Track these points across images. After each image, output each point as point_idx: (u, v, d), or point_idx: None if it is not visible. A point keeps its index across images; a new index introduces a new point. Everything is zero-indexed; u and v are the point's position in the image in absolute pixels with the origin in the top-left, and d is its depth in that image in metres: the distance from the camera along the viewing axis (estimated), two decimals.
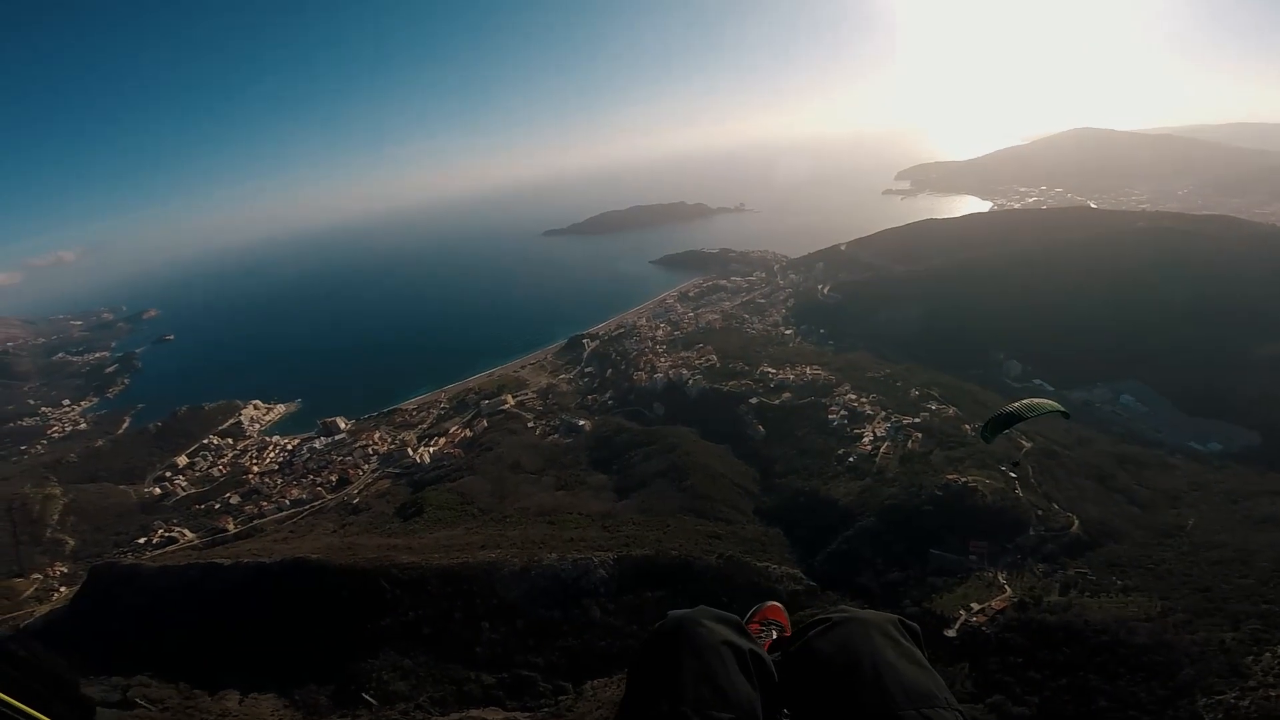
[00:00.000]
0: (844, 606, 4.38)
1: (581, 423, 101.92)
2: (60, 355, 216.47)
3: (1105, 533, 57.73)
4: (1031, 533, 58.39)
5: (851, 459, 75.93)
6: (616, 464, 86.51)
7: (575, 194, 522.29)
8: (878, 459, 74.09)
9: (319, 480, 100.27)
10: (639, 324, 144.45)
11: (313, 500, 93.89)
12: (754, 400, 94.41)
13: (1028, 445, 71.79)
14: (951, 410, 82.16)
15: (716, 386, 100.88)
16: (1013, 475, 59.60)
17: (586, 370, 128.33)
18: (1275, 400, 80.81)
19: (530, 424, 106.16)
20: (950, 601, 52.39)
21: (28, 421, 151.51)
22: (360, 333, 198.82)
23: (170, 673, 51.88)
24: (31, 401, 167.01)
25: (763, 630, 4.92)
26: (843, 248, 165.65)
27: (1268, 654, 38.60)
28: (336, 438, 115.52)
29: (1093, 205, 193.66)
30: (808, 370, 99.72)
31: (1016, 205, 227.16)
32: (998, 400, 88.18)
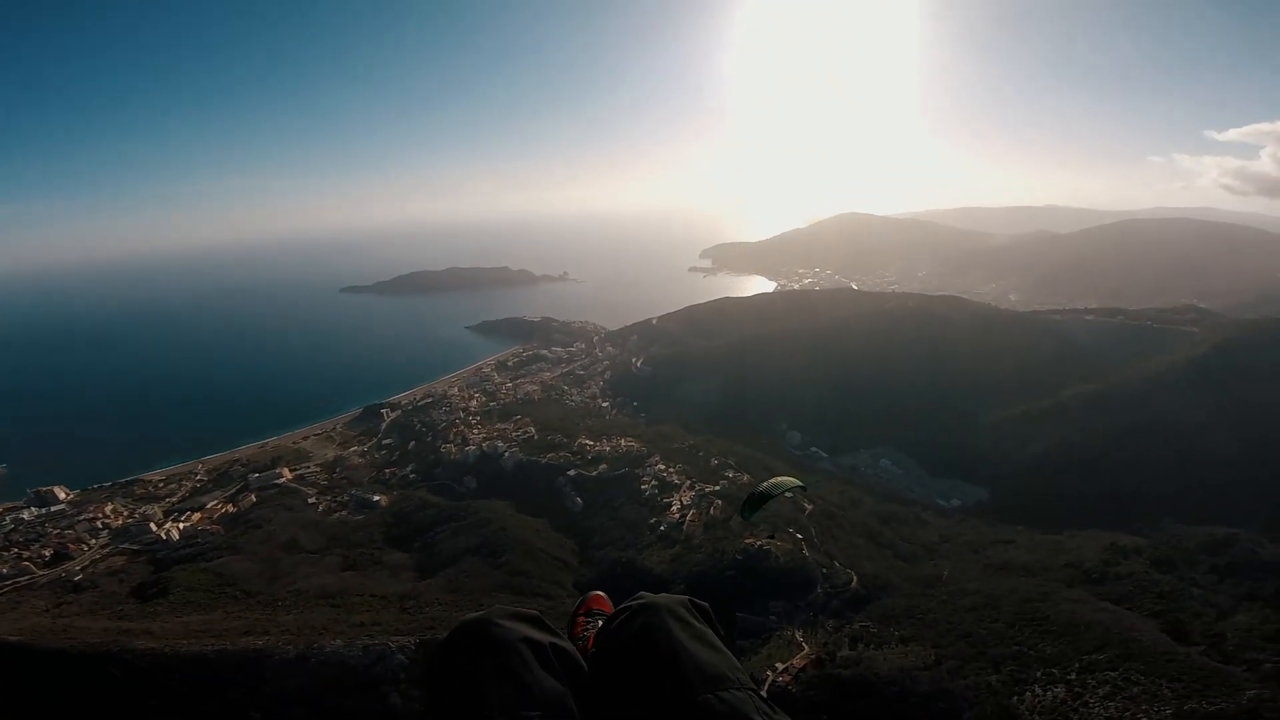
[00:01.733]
0: (643, 593, 4.09)
1: (376, 498, 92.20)
2: None
3: (880, 586, 65.38)
4: (819, 590, 64.33)
5: (662, 528, 78.07)
6: (419, 541, 79.18)
7: (380, 251, 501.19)
8: (685, 526, 77.16)
9: (27, 554, 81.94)
10: (450, 393, 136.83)
11: (16, 575, 76.28)
12: (572, 472, 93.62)
13: (810, 507, 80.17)
14: (746, 477, 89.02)
15: (535, 458, 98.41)
16: (770, 539, 65.73)
17: (385, 442, 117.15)
18: (997, 459, 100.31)
19: (312, 499, 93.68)
20: (758, 663, 54.98)
21: None
22: (96, 391, 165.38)
23: None
24: None
25: (588, 623, 4.86)
26: (654, 322, 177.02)
27: (1028, 693, 45.40)
28: (54, 509, 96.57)
29: (854, 286, 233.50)
30: (622, 442, 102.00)
31: (795, 286, 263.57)
32: (783, 467, 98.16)
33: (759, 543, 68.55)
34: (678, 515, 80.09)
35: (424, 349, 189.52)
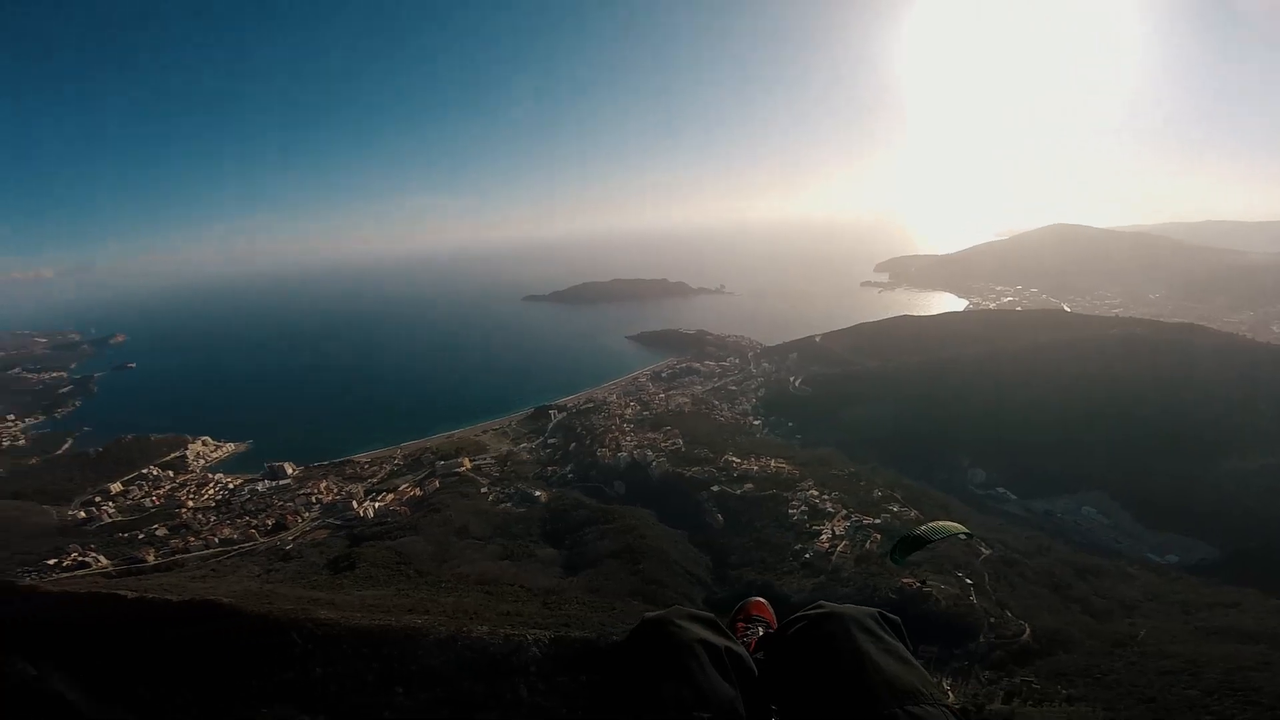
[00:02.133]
0: (823, 602, 3.93)
1: (537, 493, 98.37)
2: (16, 370, 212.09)
3: (1056, 641, 56.38)
4: (981, 639, 56.77)
5: (808, 555, 73.86)
6: (569, 539, 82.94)
7: (557, 261, 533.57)
8: (834, 557, 72.22)
9: (254, 522, 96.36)
10: (609, 400, 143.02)
11: (243, 541, 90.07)
12: (715, 488, 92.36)
13: (986, 552, 70.76)
14: (914, 513, 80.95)
15: (679, 470, 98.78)
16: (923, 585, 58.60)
17: (550, 441, 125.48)
18: (1235, 515, 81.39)
19: (484, 489, 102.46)
20: None
21: None
22: (322, 381, 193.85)
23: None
24: None
25: (748, 628, 4.99)
26: (817, 339, 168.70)
27: None
28: (281, 482, 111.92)
29: (1067, 308, 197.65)
30: (772, 463, 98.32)
31: (992, 305, 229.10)
32: (960, 508, 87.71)
33: (919, 584, 61.84)
34: (827, 545, 75.24)
35: (589, 356, 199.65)
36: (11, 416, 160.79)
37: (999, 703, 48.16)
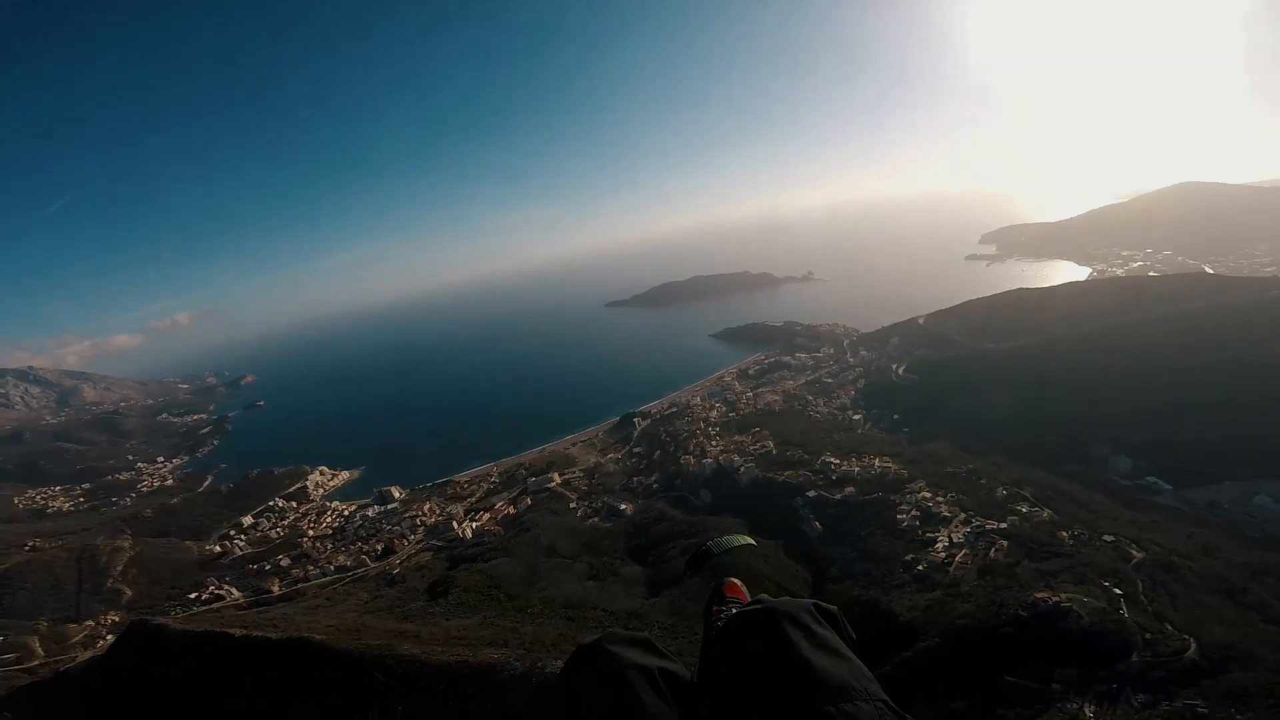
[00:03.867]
0: (762, 596, 4.04)
1: (623, 506, 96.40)
2: (164, 416, 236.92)
3: (1230, 657, 45.86)
4: (1135, 658, 47.03)
5: (921, 566, 65.36)
6: (653, 555, 79.87)
7: (637, 265, 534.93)
8: (952, 569, 63.22)
9: (366, 548, 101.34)
10: (693, 403, 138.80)
11: (356, 568, 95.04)
12: (811, 493, 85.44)
13: (1138, 555, 60.02)
14: (1046, 513, 70.52)
15: (771, 475, 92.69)
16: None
17: (635, 450, 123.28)
18: None
19: (573, 504, 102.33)
20: None
21: (124, 476, 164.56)
22: (426, 404, 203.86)
23: None
24: (130, 457, 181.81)
25: (722, 610, 4.82)
26: (921, 321, 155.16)
27: None
28: (390, 506, 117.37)
29: (1209, 270, 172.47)
30: (876, 462, 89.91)
31: (1119, 271, 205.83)
32: (1102, 503, 75.62)
33: (1056, 598, 52.67)
34: (943, 555, 66.36)
35: (672, 358, 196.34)
36: (161, 459, 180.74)
37: None
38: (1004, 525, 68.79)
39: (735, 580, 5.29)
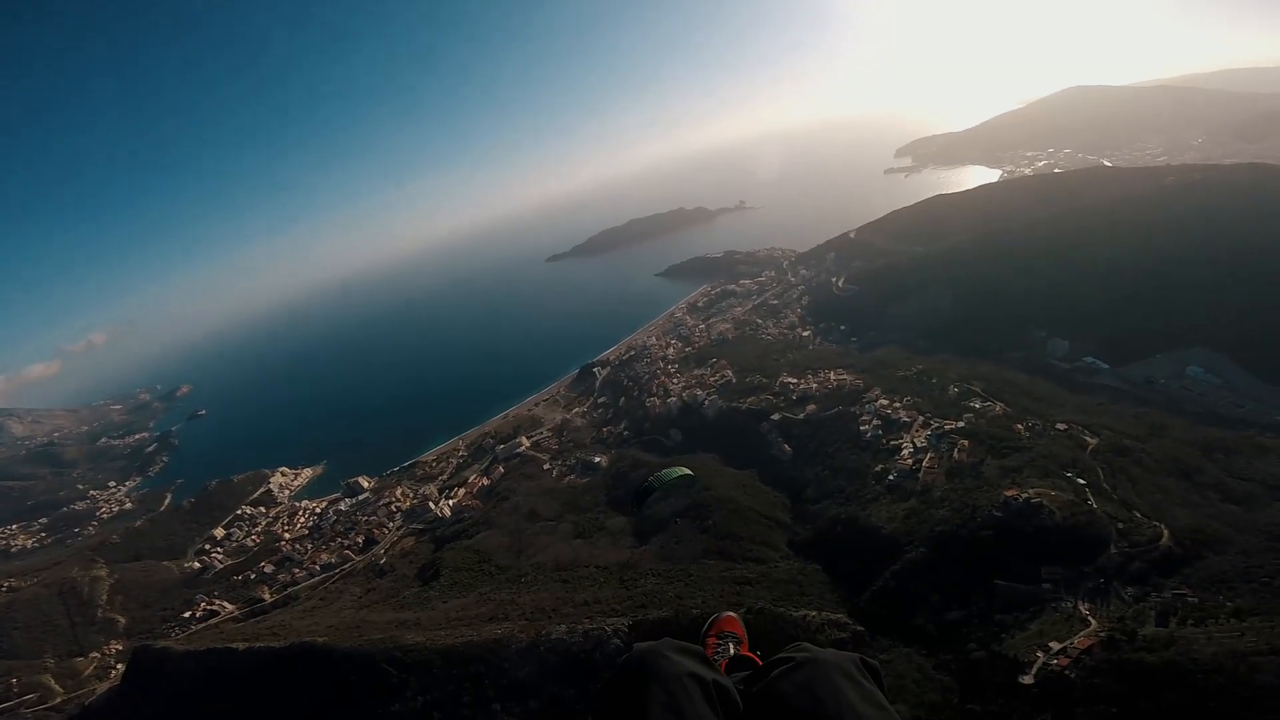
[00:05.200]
0: (805, 644, 3.90)
1: (598, 459, 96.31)
2: (104, 440, 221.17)
3: (1202, 541, 49.03)
4: (1113, 550, 50.03)
5: (891, 476, 68.28)
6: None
7: (571, 216, 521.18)
8: (921, 475, 66.27)
9: (346, 543, 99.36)
10: (649, 343, 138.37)
11: (341, 564, 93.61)
12: (776, 416, 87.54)
13: (1093, 442, 63.78)
14: (999, 407, 74.33)
15: (735, 405, 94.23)
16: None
17: (600, 401, 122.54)
18: None
19: (546, 465, 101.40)
20: (1024, 642, 44.87)
21: (80, 505, 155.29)
22: (377, 389, 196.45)
23: None
24: (80, 486, 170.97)
25: (719, 644, 4.95)
26: (853, 235, 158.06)
27: None
28: (361, 497, 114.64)
29: (1108, 164, 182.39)
30: (831, 376, 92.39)
31: (1027, 170, 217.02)
32: (1048, 390, 79.98)
33: (1025, 494, 55.58)
34: (910, 461, 69.49)
35: (621, 303, 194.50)
36: (113, 483, 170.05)
37: (1153, 625, 41.91)
38: (961, 424, 72.16)
39: (733, 615, 5.54)
